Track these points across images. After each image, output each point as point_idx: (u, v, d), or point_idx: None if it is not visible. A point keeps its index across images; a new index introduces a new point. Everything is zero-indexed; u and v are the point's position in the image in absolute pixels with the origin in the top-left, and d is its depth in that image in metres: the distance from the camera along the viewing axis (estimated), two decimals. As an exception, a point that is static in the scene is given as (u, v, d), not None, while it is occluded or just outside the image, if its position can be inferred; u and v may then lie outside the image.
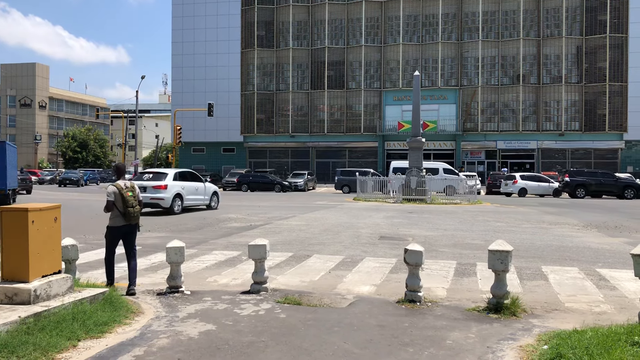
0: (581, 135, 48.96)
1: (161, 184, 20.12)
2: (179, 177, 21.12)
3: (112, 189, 7.35)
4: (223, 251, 11.23)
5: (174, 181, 20.58)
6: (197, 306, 6.71)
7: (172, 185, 20.39)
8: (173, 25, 57.10)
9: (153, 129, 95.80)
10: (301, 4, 54.19)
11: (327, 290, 7.74)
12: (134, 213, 7.37)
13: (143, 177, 20.97)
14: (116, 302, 6.41)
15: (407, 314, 6.40)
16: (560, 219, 18.80)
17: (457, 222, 17.53)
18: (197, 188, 21.96)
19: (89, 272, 8.75)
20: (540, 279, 8.66)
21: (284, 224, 16.46)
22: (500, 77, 50.45)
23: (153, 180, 20.30)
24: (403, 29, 52.14)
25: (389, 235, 13.92)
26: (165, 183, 20.18)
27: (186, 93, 56.08)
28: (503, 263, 6.38)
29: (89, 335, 5.38)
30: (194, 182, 21.95)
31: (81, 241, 11.53)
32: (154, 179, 20.41)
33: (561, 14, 49.20)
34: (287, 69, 54.83)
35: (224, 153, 56.29)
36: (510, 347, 5.25)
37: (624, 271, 9.09)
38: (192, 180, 21.89)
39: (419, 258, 6.75)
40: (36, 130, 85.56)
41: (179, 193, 20.59)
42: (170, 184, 20.30)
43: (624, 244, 12.68)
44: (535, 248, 11.90)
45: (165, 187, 20.08)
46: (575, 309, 6.83)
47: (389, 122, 52.28)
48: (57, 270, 6.28)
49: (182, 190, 20.80)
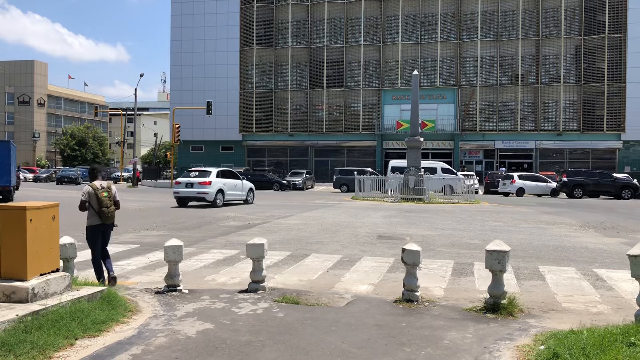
0: (579, 135, 49.03)
1: (206, 181, 22.90)
2: (221, 175, 23.70)
3: (88, 189, 7.58)
4: (221, 250, 11.23)
5: (216, 178, 23.21)
6: (195, 305, 6.72)
7: (215, 182, 23.04)
8: (172, 23, 57.06)
9: (152, 127, 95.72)
10: (300, 3, 54.17)
11: (325, 289, 7.75)
12: (108, 213, 7.59)
13: (190, 174, 23.78)
14: (114, 300, 6.41)
15: (405, 314, 6.41)
16: (557, 219, 18.83)
17: (454, 222, 17.55)
18: (235, 185, 24.56)
19: (87, 271, 8.74)
20: (537, 279, 8.68)
21: (282, 223, 16.47)
22: (498, 76, 50.49)
23: (199, 177, 23.12)
24: (402, 28, 52.15)
25: (387, 235, 13.94)
26: (209, 180, 22.90)
27: (185, 91, 56.04)
28: (500, 263, 6.40)
29: (86, 334, 5.39)
30: (234, 180, 24.52)
31: (79, 239, 11.52)
32: (200, 176, 23.22)
33: (560, 14, 49.24)
34: (286, 68, 54.82)
35: (222, 151, 56.27)
36: (507, 347, 5.26)
37: (621, 271, 9.12)
38: (231, 178, 24.44)
39: (416, 258, 6.77)
40: (34, 128, 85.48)
41: (221, 189, 23.24)
42: (213, 181, 22.98)
43: (621, 244, 12.71)
44: (533, 248, 11.92)
45: (210, 184, 22.81)
46: (572, 309, 6.85)
47: (387, 121, 52.30)
48: (55, 268, 6.29)
49: (223, 186, 23.45)
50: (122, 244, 11.97)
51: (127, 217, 18.11)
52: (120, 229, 14.66)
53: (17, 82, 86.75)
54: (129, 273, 8.91)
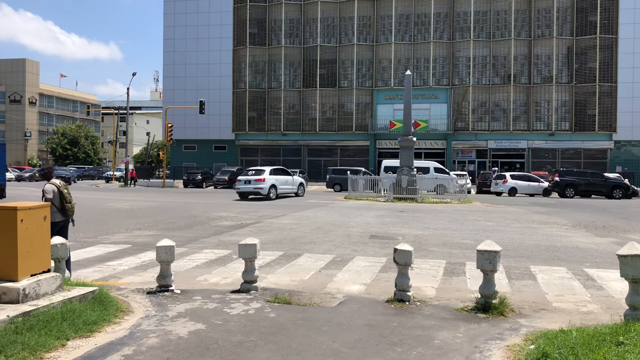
0: (571, 135, 49.28)
1: (260, 178, 27.34)
2: (274, 172, 28.16)
3: (51, 187, 7.98)
4: (214, 250, 11.22)
5: (269, 175, 27.63)
6: (187, 305, 6.71)
7: (269, 179, 27.50)
8: (165, 22, 56.87)
9: (144, 126, 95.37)
10: (293, 2, 54.14)
11: (317, 289, 7.77)
12: (71, 208, 8.09)
13: (248, 173, 28.32)
14: (106, 301, 6.39)
15: (396, 314, 6.44)
16: (549, 219, 18.92)
17: (447, 221, 17.61)
18: (287, 180, 28.97)
19: (79, 271, 8.72)
20: (528, 278, 8.73)
21: (274, 223, 16.47)
22: (491, 76, 50.67)
23: (255, 175, 27.69)
24: (395, 28, 52.22)
25: (379, 235, 13.96)
26: (263, 177, 27.37)
27: (178, 90, 55.89)
28: (491, 263, 6.43)
29: (78, 335, 5.38)
30: (285, 176, 29.05)
31: (71, 239, 11.49)
32: (256, 174, 27.79)
33: (552, 14, 49.46)
34: (279, 67, 54.78)
35: (215, 151, 56.18)
36: (498, 346, 5.29)
37: (611, 271, 9.18)
38: (283, 175, 28.96)
39: (408, 258, 6.79)
40: (26, 127, 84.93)
41: (273, 184, 27.61)
42: (267, 178, 27.43)
43: (611, 244, 12.80)
44: (524, 248, 11.98)
45: (263, 180, 27.26)
46: (563, 308, 6.90)
47: (380, 121, 52.37)
48: (46, 269, 6.26)
49: (275, 182, 27.82)
50: (114, 244, 11.94)
51: (119, 217, 18.06)
52: (112, 229, 14.62)
53: (8, 80, 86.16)
54: (120, 273, 8.89)
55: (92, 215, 18.51)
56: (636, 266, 5.59)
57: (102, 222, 16.36)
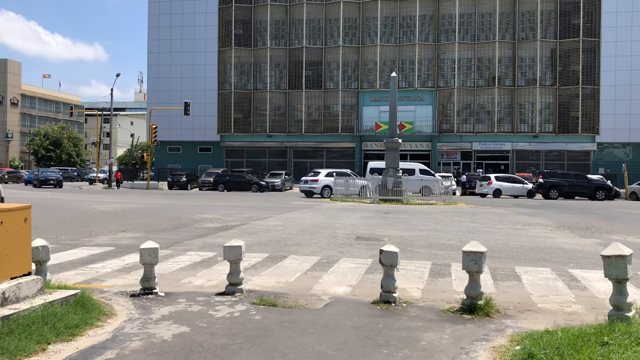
0: (555, 137, 49.77)
1: (315, 179, 33.40)
2: (329, 175, 33.36)
3: None
4: (198, 252, 11.13)
5: (324, 177, 33.18)
6: (171, 308, 6.63)
7: (322, 180, 33.07)
8: (149, 22, 56.50)
9: (128, 127, 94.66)
10: (279, 4, 54.08)
11: (303, 291, 7.73)
12: None
13: (308, 174, 35.19)
14: (88, 304, 6.29)
15: (382, 315, 6.42)
16: (533, 220, 19.07)
17: (432, 223, 17.66)
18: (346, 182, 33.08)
19: (61, 274, 8.59)
20: (513, 279, 8.76)
21: (260, 225, 16.40)
22: (476, 79, 51.02)
23: (312, 177, 33.84)
24: (380, 30, 52.38)
25: (365, 236, 13.96)
26: (317, 178, 33.33)
27: (162, 91, 55.53)
28: (477, 264, 6.44)
29: (59, 339, 5.28)
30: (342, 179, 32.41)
31: (53, 242, 11.34)
32: (313, 176, 33.96)
33: (536, 17, 49.94)
34: (264, 69, 54.69)
35: (200, 152, 55.91)
36: (484, 347, 5.29)
37: (595, 272, 9.25)
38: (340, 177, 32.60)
39: (394, 259, 6.78)
40: (7, 128, 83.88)
41: (327, 185, 32.59)
42: (320, 179, 33.17)
43: (595, 244, 12.91)
44: (509, 249, 12.05)
45: (317, 181, 33.14)
46: (548, 309, 6.93)
47: (366, 122, 52.48)
48: (27, 272, 6.15)
49: (330, 183, 32.34)
50: (97, 246, 11.80)
51: (102, 219, 17.87)
52: (95, 231, 14.46)
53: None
54: (103, 276, 8.78)
55: (75, 217, 18.29)
56: (620, 266, 5.62)
57: (85, 225, 16.17)
